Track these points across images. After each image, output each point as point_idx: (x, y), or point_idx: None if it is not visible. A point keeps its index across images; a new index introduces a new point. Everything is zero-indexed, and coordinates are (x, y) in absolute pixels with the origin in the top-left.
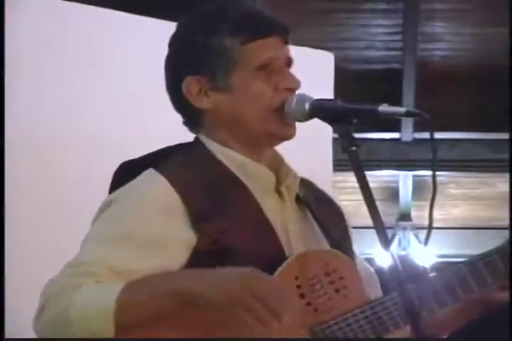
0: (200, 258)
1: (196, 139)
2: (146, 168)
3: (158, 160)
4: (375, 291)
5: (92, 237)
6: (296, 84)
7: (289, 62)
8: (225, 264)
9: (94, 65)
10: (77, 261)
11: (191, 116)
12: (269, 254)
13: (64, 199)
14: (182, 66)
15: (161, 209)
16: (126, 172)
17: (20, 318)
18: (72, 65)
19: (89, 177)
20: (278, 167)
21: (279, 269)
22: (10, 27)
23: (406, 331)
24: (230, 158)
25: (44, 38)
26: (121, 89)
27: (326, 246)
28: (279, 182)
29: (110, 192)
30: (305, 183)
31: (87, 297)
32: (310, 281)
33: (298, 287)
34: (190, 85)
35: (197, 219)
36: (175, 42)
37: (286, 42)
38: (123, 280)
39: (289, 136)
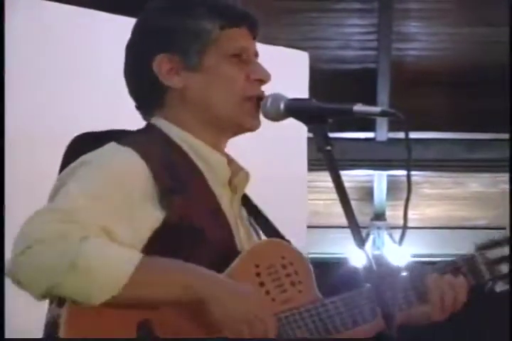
0: (166, 234)
1: (149, 125)
2: (105, 141)
3: (118, 136)
4: None
5: (68, 189)
6: (267, 76)
7: (256, 56)
8: (187, 243)
9: (95, 65)
10: (57, 207)
11: (152, 97)
12: (223, 241)
13: None
14: (152, 45)
15: (131, 179)
16: (85, 144)
17: (20, 318)
18: (71, 65)
19: None
20: (230, 161)
21: (240, 256)
22: (10, 27)
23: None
24: (189, 143)
25: (44, 38)
26: (118, 89)
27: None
28: (232, 176)
29: (67, 161)
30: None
31: (100, 252)
32: (268, 270)
33: (257, 275)
34: (162, 63)
35: (166, 192)
36: (143, 24)
37: (254, 37)
38: (106, 237)
39: (253, 127)
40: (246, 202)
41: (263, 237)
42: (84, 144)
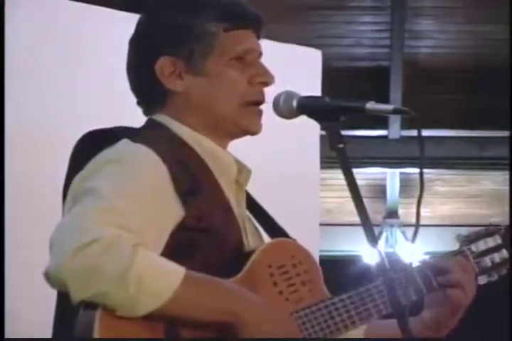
0: (183, 236)
1: (153, 121)
2: (115, 139)
3: (126, 133)
4: None
5: (104, 188)
6: (271, 78)
7: (260, 56)
8: (204, 245)
9: (95, 64)
10: (109, 206)
11: (155, 97)
12: (234, 241)
13: None
14: (157, 45)
15: (154, 181)
16: (96, 141)
17: (20, 318)
18: (71, 63)
19: None
20: (235, 159)
21: (253, 256)
22: (9, 26)
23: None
24: (197, 140)
25: (44, 37)
26: (119, 88)
27: (267, 239)
28: (237, 175)
29: (78, 159)
30: None
31: (150, 264)
32: (280, 270)
33: (271, 275)
34: (164, 66)
35: (184, 193)
36: (149, 21)
37: (258, 37)
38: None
39: (254, 131)
40: (248, 200)
41: (264, 236)
42: (94, 142)
